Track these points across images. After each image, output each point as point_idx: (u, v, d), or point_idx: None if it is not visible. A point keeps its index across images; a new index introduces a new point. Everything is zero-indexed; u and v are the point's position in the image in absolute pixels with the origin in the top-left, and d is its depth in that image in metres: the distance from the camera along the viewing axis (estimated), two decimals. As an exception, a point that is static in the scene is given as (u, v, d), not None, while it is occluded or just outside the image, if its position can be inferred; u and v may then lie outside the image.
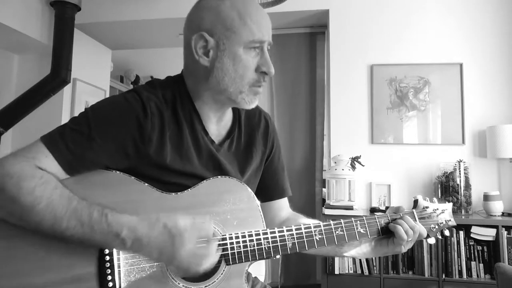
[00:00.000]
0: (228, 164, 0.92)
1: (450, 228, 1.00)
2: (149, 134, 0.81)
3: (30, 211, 0.70)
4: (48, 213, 0.70)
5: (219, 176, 0.88)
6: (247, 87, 0.86)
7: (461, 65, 2.63)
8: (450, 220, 1.00)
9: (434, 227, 0.98)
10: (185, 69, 0.92)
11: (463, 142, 2.58)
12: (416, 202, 1.00)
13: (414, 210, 0.98)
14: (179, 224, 0.74)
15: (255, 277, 1.03)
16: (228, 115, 0.97)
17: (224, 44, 0.83)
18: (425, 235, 0.93)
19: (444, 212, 1.00)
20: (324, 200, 2.80)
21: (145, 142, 0.81)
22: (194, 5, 0.89)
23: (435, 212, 0.99)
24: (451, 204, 1.04)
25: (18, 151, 0.76)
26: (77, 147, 0.77)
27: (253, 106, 0.89)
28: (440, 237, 0.99)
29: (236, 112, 0.99)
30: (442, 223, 0.99)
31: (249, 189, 0.89)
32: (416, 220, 0.95)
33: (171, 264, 0.76)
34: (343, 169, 2.43)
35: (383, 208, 2.43)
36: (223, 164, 0.90)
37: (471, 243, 2.22)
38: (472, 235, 2.21)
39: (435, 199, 1.02)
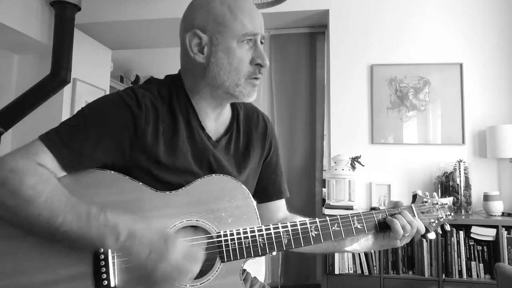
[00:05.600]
0: (225, 160, 0.92)
1: (451, 223, 0.99)
2: (143, 128, 0.82)
3: (29, 204, 0.70)
4: (46, 208, 0.71)
5: (213, 174, 0.88)
6: (243, 79, 0.87)
7: (461, 65, 2.63)
8: (450, 214, 0.99)
9: (434, 222, 0.98)
10: (182, 68, 0.94)
11: (463, 142, 2.58)
12: (415, 197, 1.00)
13: (412, 205, 0.98)
14: (174, 236, 0.76)
15: (254, 277, 1.03)
16: (227, 113, 0.98)
17: (217, 39, 0.85)
18: (423, 231, 0.93)
19: (444, 206, 0.99)
20: (324, 200, 2.80)
21: (139, 137, 0.82)
22: (188, 6, 0.91)
23: (434, 206, 0.99)
24: (451, 198, 1.03)
25: (18, 149, 0.77)
26: (73, 142, 0.78)
27: (252, 99, 0.90)
28: (440, 231, 0.98)
29: (235, 110, 1.00)
30: (442, 217, 0.98)
31: (244, 187, 0.89)
32: (415, 216, 0.95)
33: (156, 268, 0.72)
34: (343, 169, 2.43)
35: (383, 208, 2.43)
36: (219, 160, 0.91)
37: (471, 243, 2.22)
38: (472, 235, 2.21)
39: (435, 194, 1.01)
